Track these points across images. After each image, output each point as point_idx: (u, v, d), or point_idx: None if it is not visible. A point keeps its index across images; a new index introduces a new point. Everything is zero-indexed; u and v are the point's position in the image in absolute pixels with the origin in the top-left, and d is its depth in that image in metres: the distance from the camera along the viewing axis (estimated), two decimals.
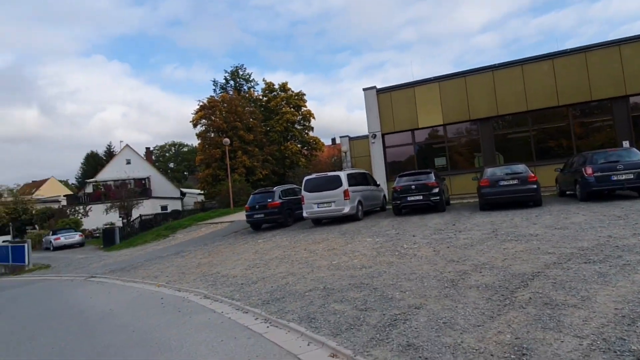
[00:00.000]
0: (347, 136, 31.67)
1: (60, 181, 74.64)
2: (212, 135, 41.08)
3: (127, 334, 5.47)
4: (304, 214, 14.90)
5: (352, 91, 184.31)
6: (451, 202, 16.56)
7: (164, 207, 43.76)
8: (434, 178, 13.44)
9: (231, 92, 45.71)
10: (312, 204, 14.52)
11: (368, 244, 9.23)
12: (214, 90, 49.24)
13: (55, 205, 41.51)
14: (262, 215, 16.60)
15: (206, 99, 42.19)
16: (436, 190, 13.10)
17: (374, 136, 20.70)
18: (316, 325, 4.48)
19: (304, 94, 46.66)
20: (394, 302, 4.89)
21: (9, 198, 37.87)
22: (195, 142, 52.07)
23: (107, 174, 46.02)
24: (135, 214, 31.83)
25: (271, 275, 7.96)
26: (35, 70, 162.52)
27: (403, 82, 21.64)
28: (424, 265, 6.60)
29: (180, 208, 44.96)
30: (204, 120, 41.72)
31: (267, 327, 4.81)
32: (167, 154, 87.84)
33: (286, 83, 46.35)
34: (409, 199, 13.19)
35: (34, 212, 37.80)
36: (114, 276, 12.59)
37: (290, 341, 4.23)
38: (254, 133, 40.43)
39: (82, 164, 66.41)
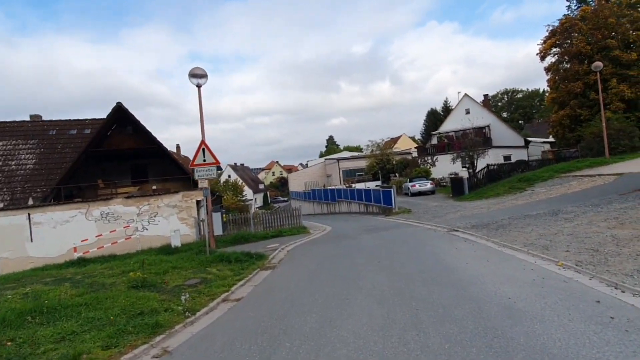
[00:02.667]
0: None
1: (410, 137, 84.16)
2: (568, 65, 31.85)
3: None
4: None
5: None
6: None
7: (506, 157, 39.15)
8: None
9: (593, 3, 33.55)
10: None
11: None
12: (568, 7, 38.01)
13: (409, 157, 45.92)
14: None
15: (558, 22, 32.94)
16: None
17: None
18: None
19: None
20: None
21: (377, 152, 44.96)
22: (534, 84, 42.89)
23: (449, 125, 46.06)
24: (478, 164, 29.51)
25: None
26: (385, 49, 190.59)
27: None
28: None
29: (525, 158, 38.94)
30: (555, 49, 32.95)
31: None
32: (499, 104, 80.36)
33: None
34: None
35: (394, 162, 43.21)
36: (479, 234, 10.37)
37: None
38: (638, 50, 27.92)
39: (424, 120, 71.81)
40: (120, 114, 19.37)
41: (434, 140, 44.98)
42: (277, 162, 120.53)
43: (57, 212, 15.65)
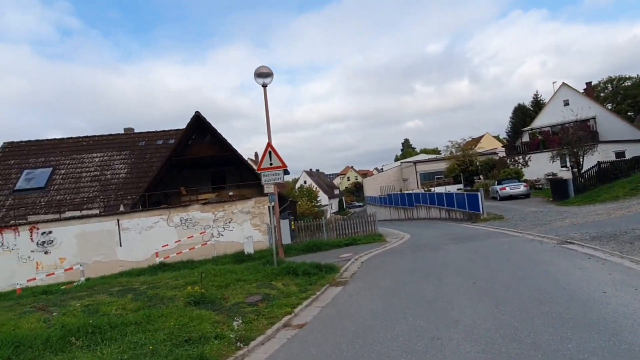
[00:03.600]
0: None
1: (494, 137, 76.89)
2: None
3: None
4: None
5: None
6: None
7: (619, 154, 33.03)
8: None
9: None
10: None
11: None
12: None
13: (494, 157, 41.45)
14: None
15: None
16: None
17: None
18: None
19: None
20: None
21: (458, 153, 41.41)
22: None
23: (543, 120, 40.57)
24: (584, 162, 25.01)
25: None
26: (463, 46, 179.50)
27: None
28: None
29: None
30: None
31: None
32: (601, 94, 69.19)
33: None
34: None
35: (477, 163, 39.28)
36: (607, 248, 8.00)
37: None
38: None
39: (510, 118, 64.92)
40: (198, 122, 20.05)
41: (525, 138, 39.94)
42: (352, 167, 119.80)
43: (142, 218, 16.41)
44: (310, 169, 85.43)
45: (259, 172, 10.79)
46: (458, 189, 34.06)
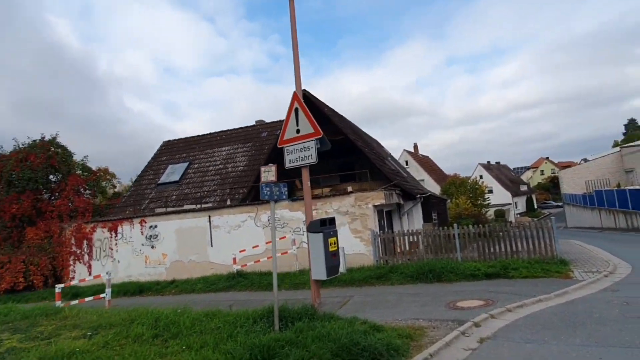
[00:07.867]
0: None
1: None
2: None
3: None
4: None
5: None
6: None
7: None
8: None
9: None
10: None
11: None
12: None
13: None
14: None
15: None
16: None
17: None
18: None
19: None
20: None
21: None
22: None
23: None
24: None
25: None
26: None
27: None
28: None
29: None
30: None
31: None
32: None
33: None
34: None
35: None
36: None
37: None
38: None
39: None
40: (306, 103, 16.64)
41: None
42: (547, 158, 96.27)
43: (231, 216, 14.05)
44: (488, 162, 71.72)
45: (280, 146, 6.17)
46: None
